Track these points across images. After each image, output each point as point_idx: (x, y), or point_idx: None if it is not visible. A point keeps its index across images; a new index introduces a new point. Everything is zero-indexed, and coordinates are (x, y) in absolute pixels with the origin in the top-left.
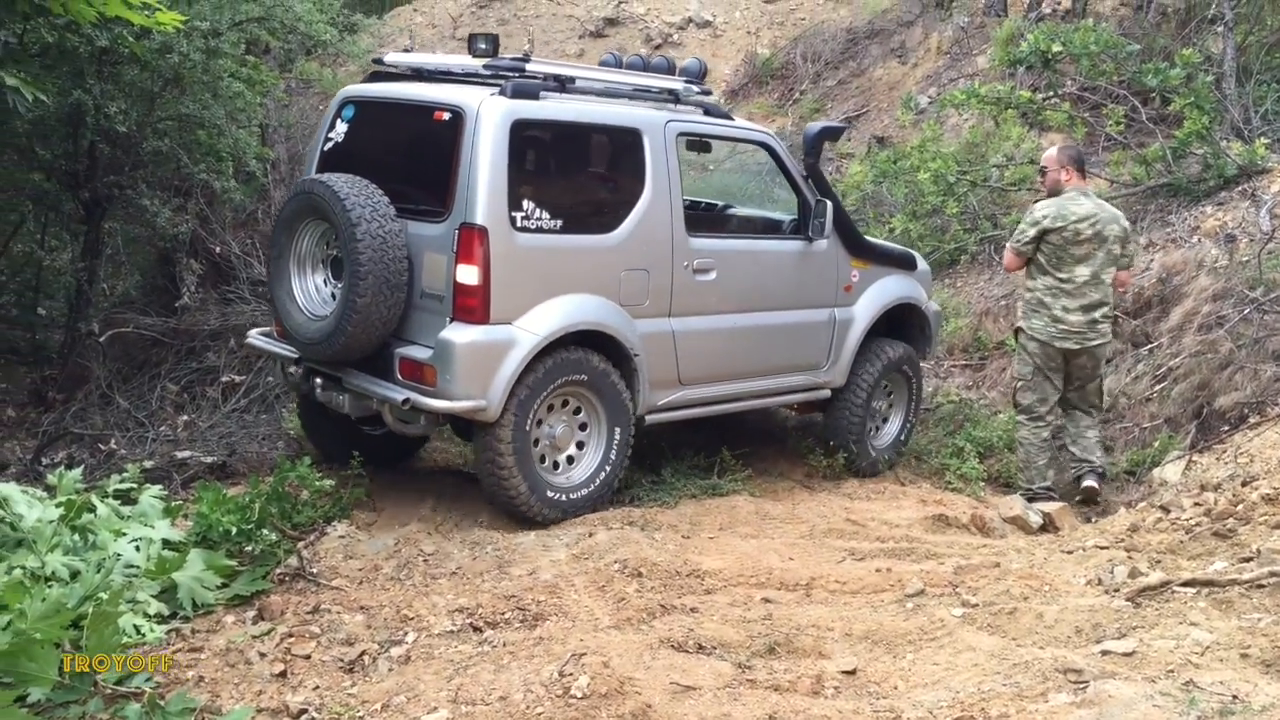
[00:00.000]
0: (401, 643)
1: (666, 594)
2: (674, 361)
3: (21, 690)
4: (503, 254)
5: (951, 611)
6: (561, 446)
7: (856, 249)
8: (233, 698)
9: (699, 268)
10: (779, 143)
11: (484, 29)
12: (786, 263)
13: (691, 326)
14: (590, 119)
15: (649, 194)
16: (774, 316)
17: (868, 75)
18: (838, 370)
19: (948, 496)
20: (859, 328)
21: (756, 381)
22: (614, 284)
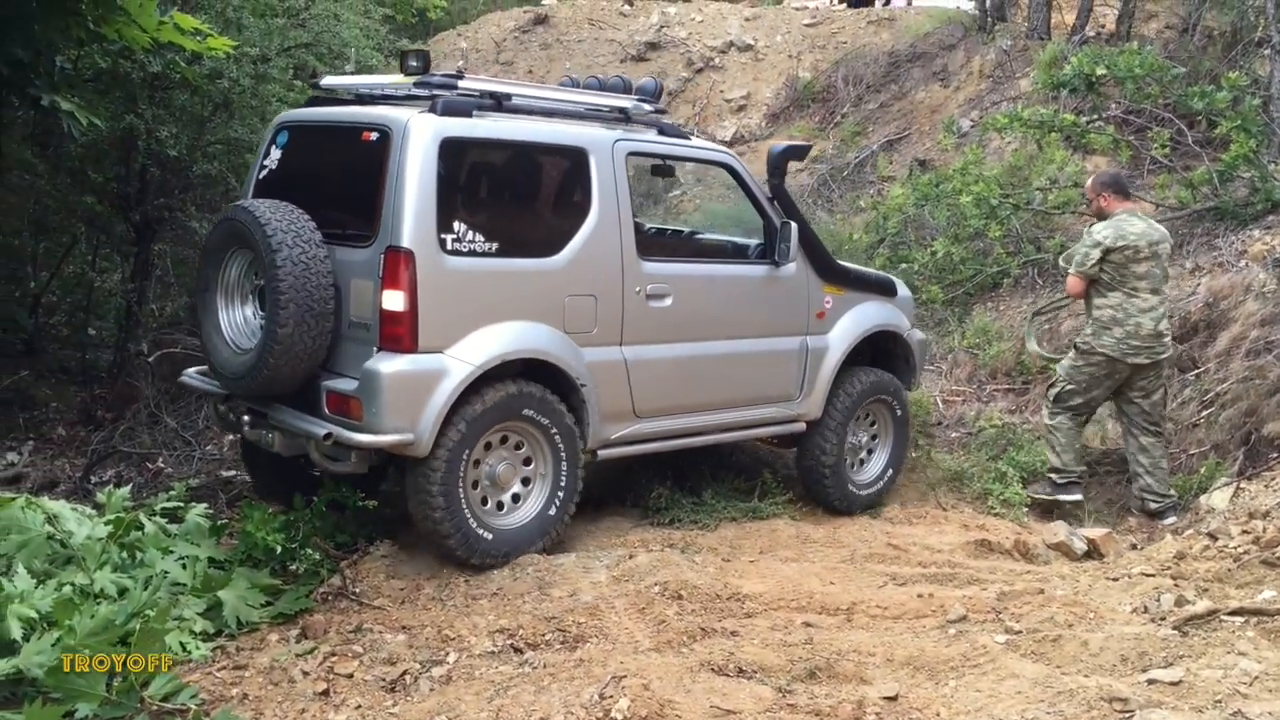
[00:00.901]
0: (443, 663)
1: (707, 617)
2: (627, 392)
3: (70, 706)
4: (431, 278)
5: (995, 638)
6: (504, 485)
7: (829, 274)
8: (276, 716)
9: (653, 293)
10: (740, 163)
11: (527, 53)
12: (751, 288)
13: (646, 355)
14: (529, 137)
15: (595, 215)
16: (738, 345)
17: (909, 98)
18: (812, 402)
19: (990, 521)
20: (834, 357)
21: (722, 414)
22: (557, 310)
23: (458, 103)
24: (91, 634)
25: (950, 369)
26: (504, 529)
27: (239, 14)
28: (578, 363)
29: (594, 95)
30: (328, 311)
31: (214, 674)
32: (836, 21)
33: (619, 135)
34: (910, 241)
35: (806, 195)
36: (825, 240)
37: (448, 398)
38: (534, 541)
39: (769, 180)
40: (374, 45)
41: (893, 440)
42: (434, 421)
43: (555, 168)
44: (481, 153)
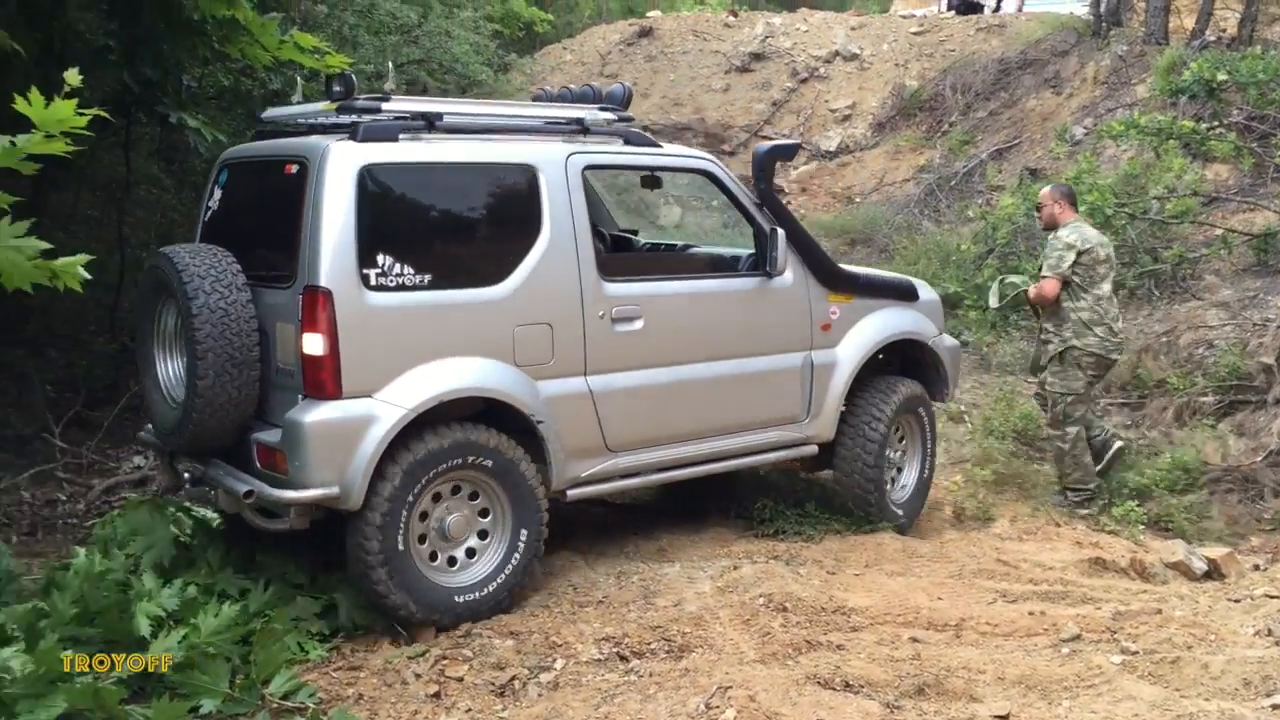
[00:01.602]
0: (550, 669)
1: (812, 630)
2: (596, 426)
3: (194, 702)
4: (353, 317)
5: (1110, 659)
6: (456, 539)
7: (833, 281)
8: (390, 716)
9: (619, 316)
10: (721, 168)
11: (631, 65)
12: (740, 303)
13: (617, 385)
14: (464, 158)
15: (547, 237)
16: (728, 366)
17: (1020, 106)
18: (822, 422)
19: (1105, 539)
20: (844, 371)
21: (715, 442)
22: (505, 342)
23: (381, 127)
24: (215, 632)
25: None
26: (456, 586)
27: (355, 32)
28: (532, 398)
29: (546, 108)
30: (252, 359)
31: (330, 674)
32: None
33: (573, 149)
34: (1020, 252)
35: (913, 205)
36: (931, 251)
37: (377, 445)
38: (491, 598)
39: (755, 185)
40: (483, 60)
41: (920, 454)
42: (364, 472)
43: (497, 189)
44: (409, 179)
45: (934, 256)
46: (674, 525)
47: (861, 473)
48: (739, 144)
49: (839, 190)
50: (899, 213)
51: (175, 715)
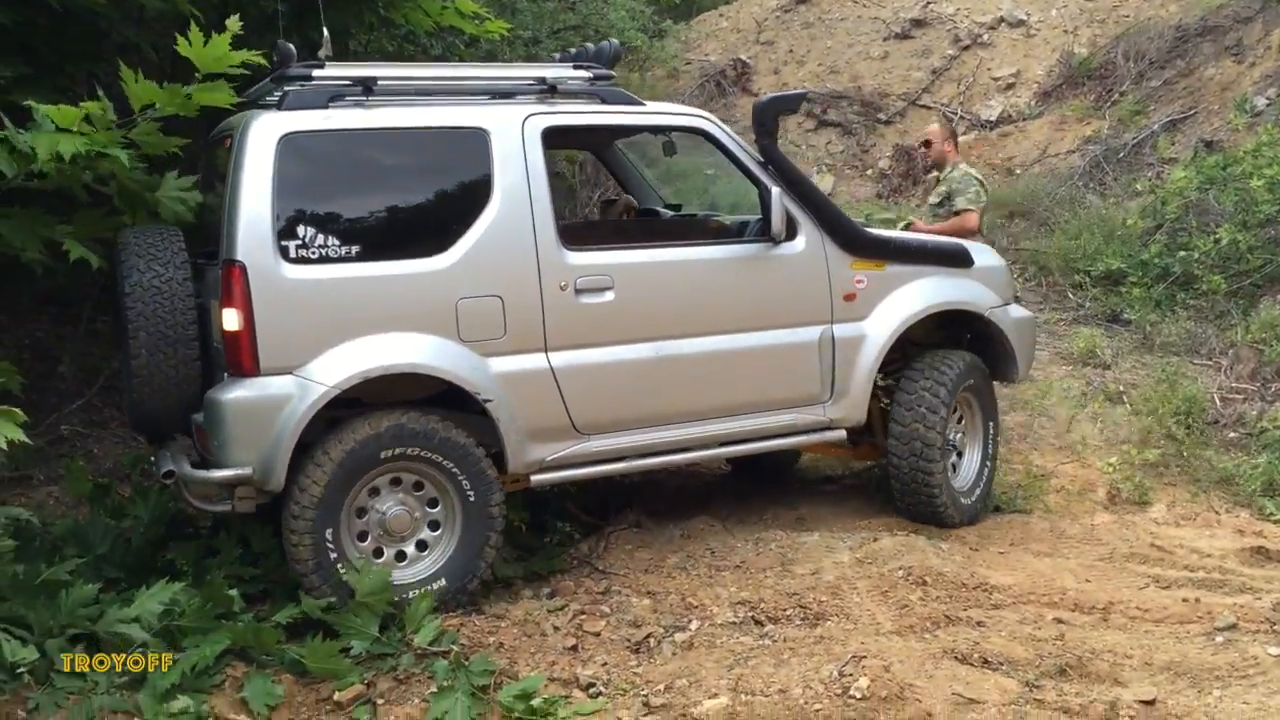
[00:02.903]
0: (685, 629)
1: (951, 605)
2: (561, 406)
3: (345, 643)
4: (269, 291)
5: (1268, 650)
6: (399, 533)
7: (857, 246)
8: (529, 665)
9: (585, 287)
10: (718, 125)
11: (788, 32)
12: (740, 272)
13: (584, 361)
14: (402, 124)
15: (498, 204)
16: (725, 342)
17: (1197, 75)
18: (849, 403)
19: (1269, 528)
20: (874, 347)
21: (714, 425)
22: (446, 317)
23: (309, 95)
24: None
25: (1231, 365)
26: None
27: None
28: (478, 375)
29: (509, 68)
30: (188, 338)
31: (474, 622)
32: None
33: (532, 110)
34: (1191, 228)
35: (1076, 177)
36: (1094, 225)
37: (295, 425)
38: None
39: (758, 141)
40: (639, 26)
41: (982, 436)
42: (283, 452)
43: (441, 154)
44: (337, 147)
45: (1097, 231)
46: (814, 497)
47: (916, 460)
48: (895, 113)
49: (999, 161)
50: (1061, 185)
51: (327, 654)
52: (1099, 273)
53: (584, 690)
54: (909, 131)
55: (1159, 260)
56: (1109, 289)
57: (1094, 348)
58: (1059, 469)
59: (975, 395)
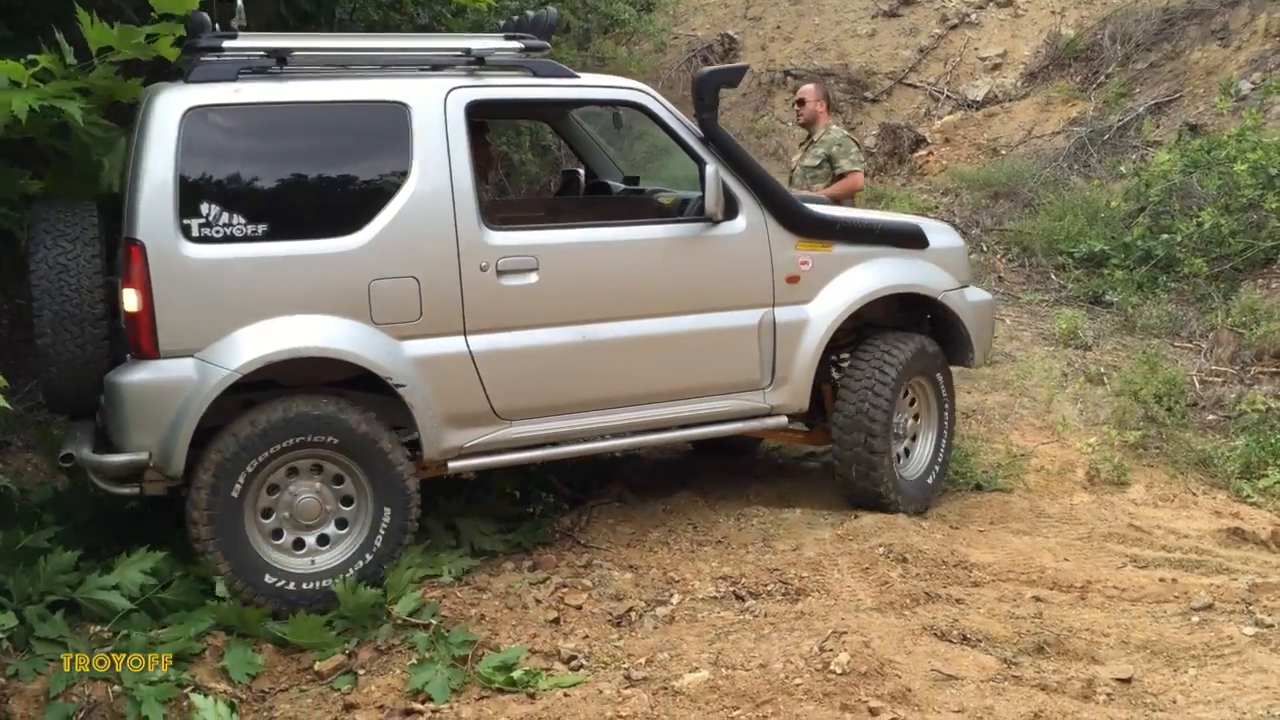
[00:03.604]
0: (667, 603)
1: (931, 582)
2: (480, 391)
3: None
4: (169, 271)
5: (1243, 629)
6: (308, 521)
7: (801, 226)
8: (510, 637)
9: (506, 268)
10: (654, 98)
11: (775, 7)
12: (673, 253)
13: (505, 345)
14: (316, 97)
15: (415, 182)
16: (657, 325)
17: (1183, 58)
18: (791, 389)
19: (1245, 509)
20: (817, 331)
21: (646, 410)
22: (358, 298)
23: (218, 67)
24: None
25: (1211, 348)
26: (302, 572)
27: None
28: (391, 359)
29: (435, 39)
30: (95, 316)
31: (455, 594)
32: None
33: (455, 84)
34: (1174, 211)
35: (1061, 159)
36: (1078, 207)
37: (195, 409)
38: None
39: (697, 115)
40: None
41: (937, 423)
42: (182, 437)
43: (356, 129)
44: (245, 122)
45: (1081, 213)
46: (796, 474)
47: (862, 448)
48: (882, 91)
49: (984, 142)
50: (1046, 166)
51: (312, 628)
52: (1082, 254)
53: (565, 663)
54: (896, 110)
55: (1141, 243)
56: (1091, 271)
57: (1075, 329)
58: (1039, 449)
59: (929, 381)
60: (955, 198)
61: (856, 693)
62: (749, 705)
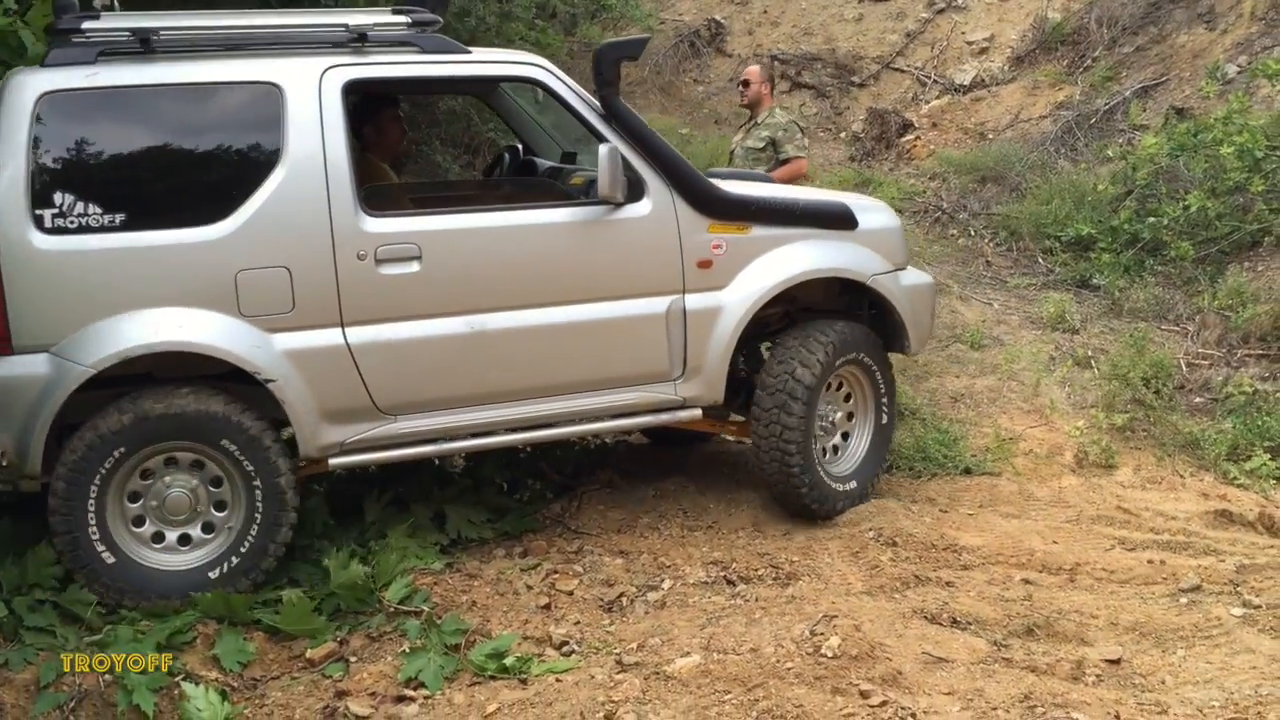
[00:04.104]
0: (658, 588)
1: (921, 566)
2: (360, 385)
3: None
4: (22, 263)
5: (1230, 610)
6: (177, 518)
7: (714, 208)
8: (501, 623)
9: (386, 256)
10: (554, 74)
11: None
12: (571, 239)
13: (386, 337)
14: (182, 80)
15: (288, 167)
16: (553, 315)
17: (1169, 42)
18: (704, 381)
19: (1233, 492)
20: (732, 319)
21: (545, 404)
22: (225, 290)
23: (74, 51)
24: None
25: (1198, 331)
26: (174, 567)
27: None
28: (260, 353)
29: (314, 14)
30: None
31: (446, 581)
32: None
33: (332, 63)
34: (1161, 194)
35: (1048, 143)
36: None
37: (51, 405)
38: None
39: (598, 91)
40: None
41: (874, 415)
42: (38, 434)
43: (225, 113)
44: (104, 107)
45: (1068, 196)
46: None
47: (779, 441)
48: (869, 76)
49: (971, 126)
50: (1033, 150)
51: (302, 612)
52: (1069, 238)
53: (557, 649)
54: (883, 95)
55: (1128, 226)
56: (1079, 254)
57: (1063, 312)
58: (1027, 432)
59: (863, 371)
60: (943, 182)
61: (847, 676)
62: (740, 689)
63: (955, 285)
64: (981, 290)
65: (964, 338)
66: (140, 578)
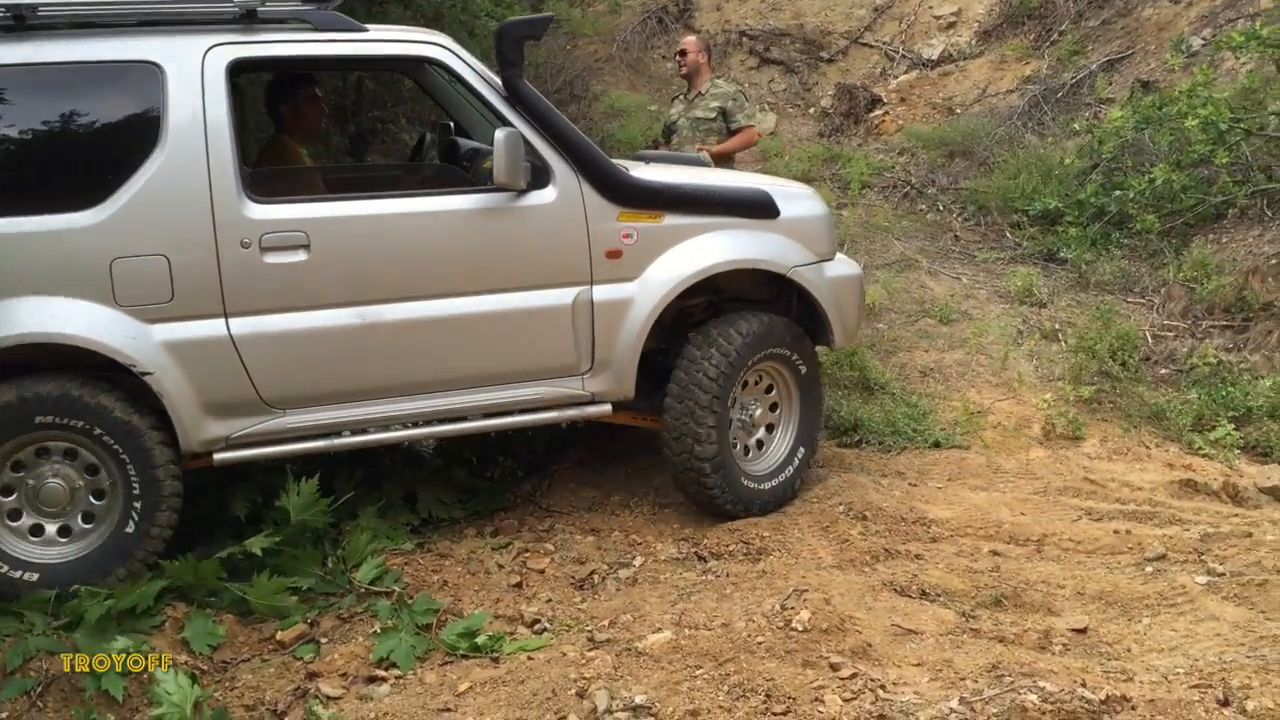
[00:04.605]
0: (629, 565)
1: (891, 539)
2: (245, 378)
3: (289, 581)
4: None
5: (1195, 579)
6: (53, 509)
7: (625, 195)
8: (473, 603)
9: (272, 244)
10: (455, 53)
11: None
12: (470, 227)
13: (272, 328)
14: (57, 59)
15: (167, 150)
16: (454, 306)
17: (1135, 15)
18: (613, 375)
19: (1198, 461)
20: (642, 311)
21: (444, 398)
22: (99, 278)
23: None
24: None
25: (1163, 303)
26: (55, 562)
27: None
28: (135, 345)
29: None
30: None
31: (418, 560)
32: None
33: (216, 41)
34: (1126, 168)
35: (1016, 117)
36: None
37: None
38: (108, 570)
39: (501, 72)
40: None
41: (799, 410)
42: None
43: (101, 94)
44: None
45: (1035, 171)
46: None
47: (688, 438)
48: (838, 51)
49: (939, 101)
50: (1001, 125)
51: (272, 591)
52: (1036, 212)
53: (529, 627)
54: (851, 70)
55: (1095, 200)
56: (1046, 228)
57: (1031, 286)
58: (996, 405)
59: (787, 366)
60: (911, 157)
61: (818, 649)
62: (712, 664)
63: (924, 260)
64: (950, 265)
65: (933, 312)
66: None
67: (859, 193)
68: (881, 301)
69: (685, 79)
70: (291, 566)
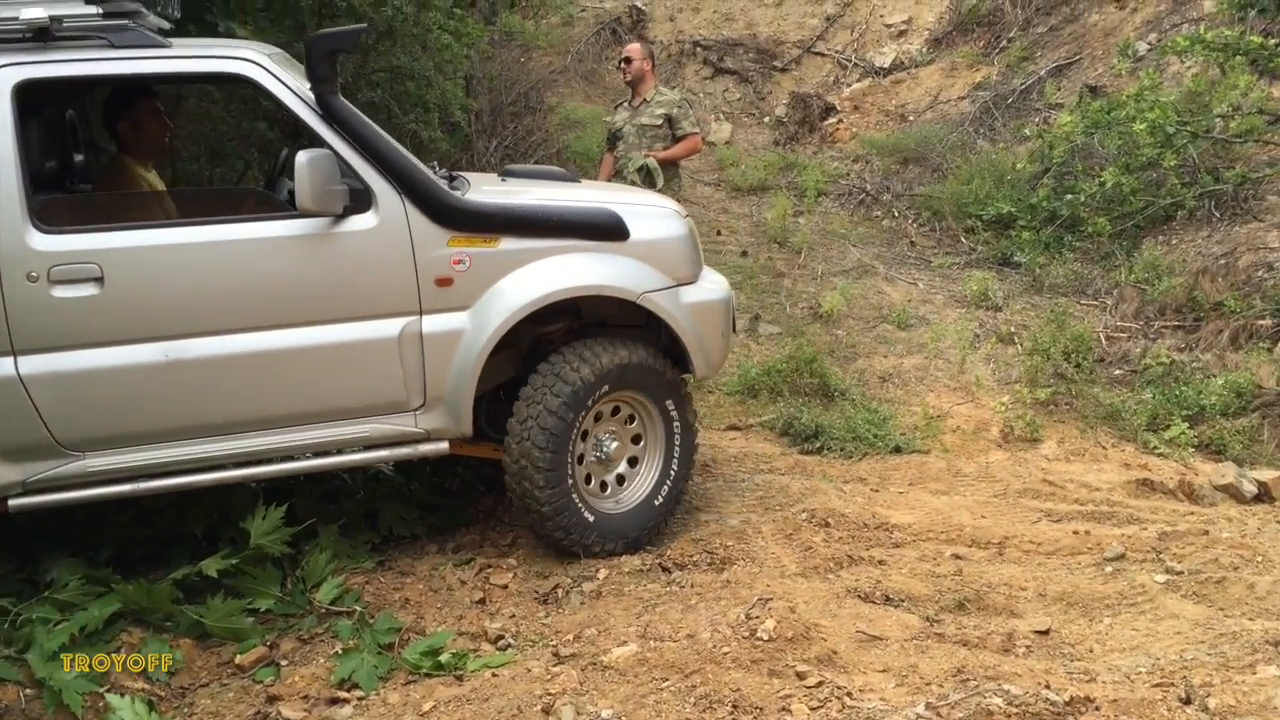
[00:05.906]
0: (593, 579)
1: (854, 545)
2: (36, 419)
3: (247, 603)
4: None
5: (1154, 578)
6: None
7: (456, 219)
8: (436, 620)
9: (61, 278)
10: (268, 70)
11: None
12: (283, 256)
13: (66, 366)
14: None
15: None
16: (266, 340)
17: (1082, 21)
18: (449, 410)
19: (1153, 461)
20: (477, 343)
21: (260, 438)
22: None
23: None
24: (265, 533)
25: (1116, 304)
26: None
27: None
28: None
29: None
30: None
31: (379, 579)
32: None
33: (4, 62)
34: (1077, 172)
35: (967, 123)
36: (985, 170)
37: None
38: None
39: (312, 88)
40: None
41: (665, 443)
42: None
43: None
44: None
45: (988, 176)
46: (717, 444)
47: (526, 471)
48: (791, 60)
49: (892, 108)
50: (953, 131)
51: (228, 613)
52: (990, 217)
53: (493, 643)
54: (804, 79)
55: (1047, 204)
56: (1000, 233)
57: (986, 290)
58: (954, 409)
59: (648, 395)
60: (865, 164)
61: (784, 658)
62: (678, 676)
63: (881, 266)
64: (906, 270)
65: (890, 318)
66: None
67: (815, 200)
68: (839, 308)
69: (629, 86)
70: (249, 588)
